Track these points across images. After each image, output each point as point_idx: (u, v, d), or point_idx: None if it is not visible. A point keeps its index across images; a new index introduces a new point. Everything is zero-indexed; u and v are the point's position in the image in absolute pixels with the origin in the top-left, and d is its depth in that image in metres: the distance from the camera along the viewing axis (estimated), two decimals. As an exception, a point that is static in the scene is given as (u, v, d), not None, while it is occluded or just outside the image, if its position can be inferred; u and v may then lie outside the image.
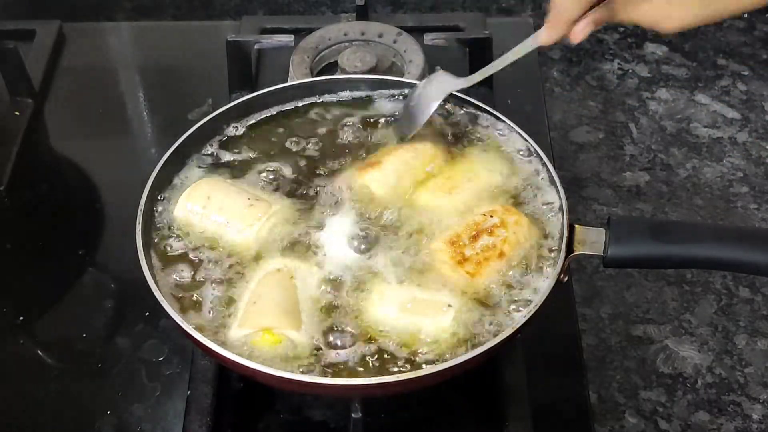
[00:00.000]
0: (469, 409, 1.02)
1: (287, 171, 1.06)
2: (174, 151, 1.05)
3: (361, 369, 0.88)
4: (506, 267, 0.95)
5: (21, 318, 1.12)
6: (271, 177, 1.06)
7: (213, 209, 1.00)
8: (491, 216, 0.97)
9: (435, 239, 0.97)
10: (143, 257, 0.95)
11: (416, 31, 1.36)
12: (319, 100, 1.15)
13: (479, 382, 1.01)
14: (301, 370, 0.88)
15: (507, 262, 0.95)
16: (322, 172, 1.06)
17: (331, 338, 0.91)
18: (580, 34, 0.95)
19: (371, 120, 1.11)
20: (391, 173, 1.03)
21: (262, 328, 0.90)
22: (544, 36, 0.98)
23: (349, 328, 0.91)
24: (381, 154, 1.06)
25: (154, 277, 0.94)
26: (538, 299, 0.91)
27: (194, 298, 0.94)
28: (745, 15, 1.62)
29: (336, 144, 1.09)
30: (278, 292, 0.93)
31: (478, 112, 1.11)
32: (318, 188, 1.03)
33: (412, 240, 0.98)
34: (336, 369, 0.89)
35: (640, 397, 1.09)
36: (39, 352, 1.10)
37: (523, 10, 1.61)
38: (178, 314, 0.90)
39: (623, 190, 1.31)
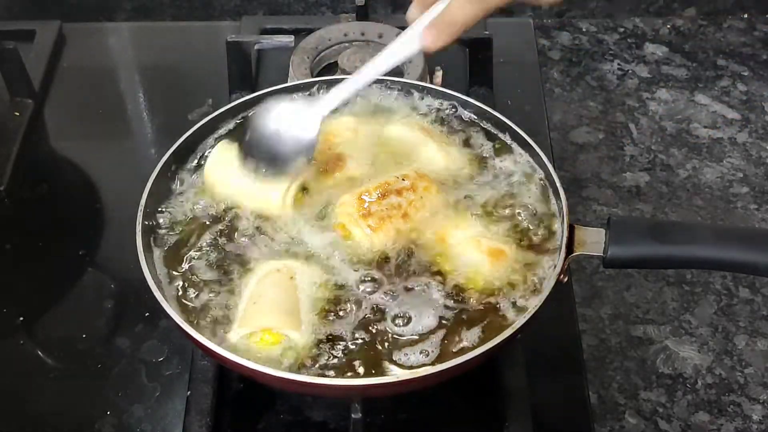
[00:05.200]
0: (469, 410, 1.02)
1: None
2: (174, 151, 1.06)
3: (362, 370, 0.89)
4: (407, 228, 0.97)
5: (21, 318, 1.12)
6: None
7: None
8: (403, 179, 1.00)
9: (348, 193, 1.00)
10: (143, 257, 0.95)
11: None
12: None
13: (479, 383, 1.01)
14: (300, 370, 0.88)
15: (409, 224, 0.97)
16: None
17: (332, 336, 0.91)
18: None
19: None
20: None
21: (262, 328, 0.90)
22: (429, 42, 0.89)
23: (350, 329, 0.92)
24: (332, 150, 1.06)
25: (154, 277, 0.94)
26: (538, 300, 0.91)
27: (194, 298, 0.94)
28: (745, 15, 1.62)
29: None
30: (278, 292, 0.93)
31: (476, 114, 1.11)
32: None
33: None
34: (336, 368, 0.89)
35: (640, 397, 1.09)
36: (39, 352, 1.10)
37: (523, 10, 1.61)
38: (178, 314, 0.90)
39: (623, 190, 1.31)
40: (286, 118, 0.98)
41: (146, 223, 0.99)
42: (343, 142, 1.07)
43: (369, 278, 0.95)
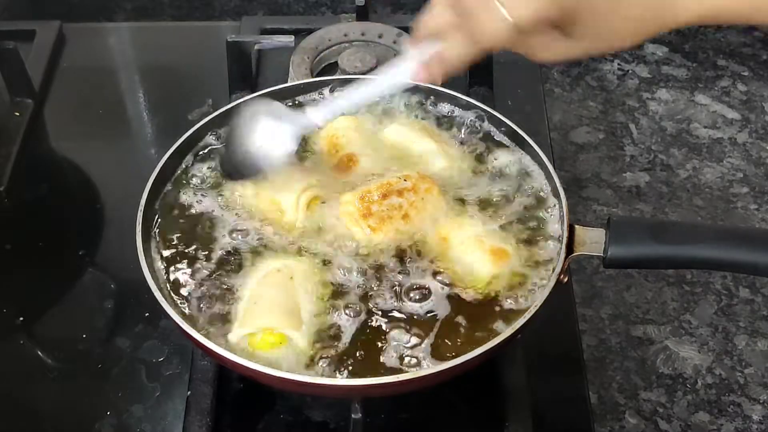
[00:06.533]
0: (469, 410, 1.02)
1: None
2: (174, 151, 1.06)
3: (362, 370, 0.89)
4: (407, 229, 0.97)
5: (21, 318, 1.12)
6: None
7: None
8: (405, 180, 1.00)
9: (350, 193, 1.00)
10: (143, 257, 0.95)
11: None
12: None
13: (479, 383, 1.01)
14: (301, 370, 0.88)
15: (409, 224, 0.97)
16: None
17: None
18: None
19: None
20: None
21: (263, 329, 0.90)
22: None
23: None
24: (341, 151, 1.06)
25: (154, 277, 0.93)
26: (538, 300, 0.91)
27: (195, 297, 0.94)
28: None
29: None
30: (278, 292, 0.93)
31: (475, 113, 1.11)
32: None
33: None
34: (336, 368, 0.89)
35: (640, 397, 1.09)
36: (39, 352, 1.10)
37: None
38: (178, 314, 0.90)
39: (623, 190, 1.31)
40: (268, 130, 0.97)
41: (146, 223, 0.99)
42: (349, 142, 1.07)
43: (369, 278, 0.95)
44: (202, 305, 0.94)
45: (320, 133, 1.10)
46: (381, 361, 0.89)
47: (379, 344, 0.90)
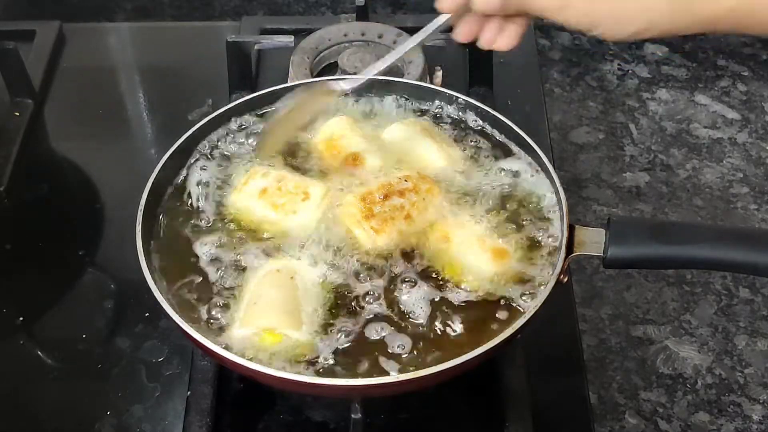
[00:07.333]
0: (469, 410, 1.02)
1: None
2: (174, 151, 1.06)
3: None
4: (409, 229, 0.97)
5: (21, 318, 1.12)
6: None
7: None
8: (406, 180, 1.00)
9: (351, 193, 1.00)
10: (143, 257, 0.95)
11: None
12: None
13: (479, 383, 1.01)
14: (301, 370, 0.88)
15: (411, 225, 0.97)
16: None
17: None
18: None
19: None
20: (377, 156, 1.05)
21: (263, 329, 0.90)
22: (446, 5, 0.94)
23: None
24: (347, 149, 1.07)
25: (153, 277, 0.93)
26: (538, 300, 0.91)
27: (195, 297, 0.94)
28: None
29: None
30: (278, 292, 0.93)
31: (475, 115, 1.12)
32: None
33: None
34: (336, 368, 0.89)
35: (640, 397, 1.09)
36: (39, 352, 1.10)
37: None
38: (178, 314, 0.90)
39: (623, 190, 1.31)
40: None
41: (146, 223, 0.99)
42: (349, 142, 1.07)
43: (370, 278, 0.95)
44: (202, 305, 0.94)
45: (315, 137, 1.10)
46: (381, 361, 0.89)
47: (380, 344, 0.90)
